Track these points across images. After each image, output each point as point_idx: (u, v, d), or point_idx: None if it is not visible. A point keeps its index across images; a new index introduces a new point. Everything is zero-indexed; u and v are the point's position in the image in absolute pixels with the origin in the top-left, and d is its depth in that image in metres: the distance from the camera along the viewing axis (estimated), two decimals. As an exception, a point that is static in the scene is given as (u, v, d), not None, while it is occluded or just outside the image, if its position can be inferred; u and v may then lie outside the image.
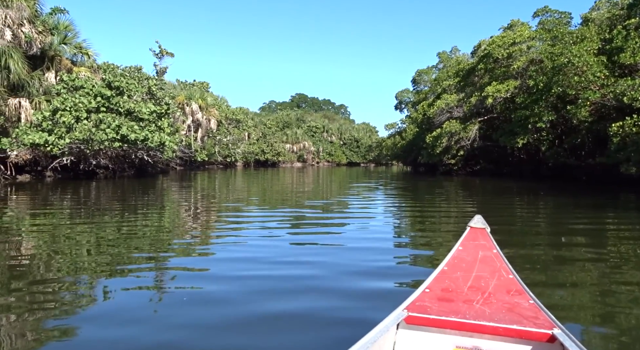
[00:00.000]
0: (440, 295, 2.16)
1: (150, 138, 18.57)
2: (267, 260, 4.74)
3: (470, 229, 3.17)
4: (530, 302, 2.09)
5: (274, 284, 3.83)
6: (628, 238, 6.31)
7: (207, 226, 7.35)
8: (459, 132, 25.86)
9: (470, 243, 2.93)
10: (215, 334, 2.75)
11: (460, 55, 39.33)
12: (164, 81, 26.46)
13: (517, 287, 2.25)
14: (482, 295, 2.16)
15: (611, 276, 4.04)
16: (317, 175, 32.20)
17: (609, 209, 10.38)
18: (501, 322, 1.86)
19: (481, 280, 2.34)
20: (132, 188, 16.26)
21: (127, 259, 4.77)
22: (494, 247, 2.83)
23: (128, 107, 18.71)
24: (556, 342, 1.76)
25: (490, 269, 2.50)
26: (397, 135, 47.35)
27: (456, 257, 2.68)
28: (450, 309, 1.98)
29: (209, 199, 12.34)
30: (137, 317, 3.03)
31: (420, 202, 12.23)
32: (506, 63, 24.79)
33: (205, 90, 40.80)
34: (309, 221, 8.04)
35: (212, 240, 6.14)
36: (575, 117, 18.94)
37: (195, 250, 5.34)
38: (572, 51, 18.78)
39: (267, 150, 62.99)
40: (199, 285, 3.78)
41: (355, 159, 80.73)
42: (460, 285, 2.28)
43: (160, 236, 6.19)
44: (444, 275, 2.41)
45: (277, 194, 14.76)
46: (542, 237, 6.37)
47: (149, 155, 20.10)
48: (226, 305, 3.28)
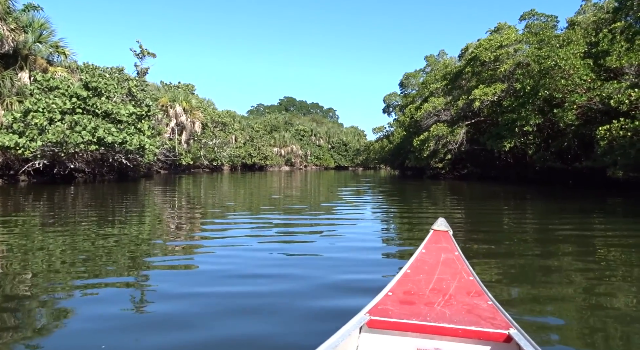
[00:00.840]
0: (402, 298, 2.17)
1: (129, 141, 17.91)
2: (236, 273, 4.32)
3: (433, 232, 3.18)
4: (488, 303, 2.12)
5: (238, 302, 3.41)
6: (616, 245, 6.03)
7: (183, 234, 6.84)
8: (447, 136, 25.64)
9: (433, 246, 2.94)
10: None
11: (447, 59, 39.24)
12: (146, 82, 25.81)
13: (476, 289, 2.29)
14: (443, 297, 2.18)
15: (597, 287, 3.89)
16: (304, 180, 31.75)
17: (596, 214, 10.12)
18: (460, 324, 1.88)
19: (443, 282, 2.36)
20: (112, 193, 15.67)
21: (96, 273, 4.30)
22: (456, 249, 2.86)
23: (106, 108, 18.04)
24: (512, 342, 1.79)
25: (452, 271, 2.53)
26: (384, 139, 47.08)
27: (419, 259, 2.69)
28: (412, 312, 2.00)
29: (189, 205, 11.82)
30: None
31: (407, 207, 11.86)
32: (493, 66, 24.65)
33: (191, 93, 40.15)
34: (291, 229, 7.58)
35: (189, 249, 5.65)
36: (562, 120, 18.77)
37: (164, 262, 4.88)
38: (559, 54, 18.64)
39: (255, 153, 62.45)
40: (157, 304, 3.35)
41: (344, 163, 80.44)
42: (422, 287, 2.30)
43: (132, 247, 5.68)
44: (406, 278, 2.42)
45: (262, 199, 14.28)
46: (528, 244, 6.06)
47: (127, 158, 19.42)
48: (184, 328, 2.86)
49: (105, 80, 19.32)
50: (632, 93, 14.64)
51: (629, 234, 6.97)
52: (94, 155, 18.53)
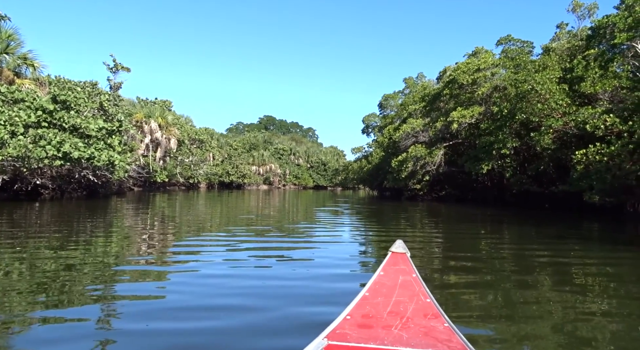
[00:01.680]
0: (360, 321, 2.16)
1: (97, 156, 17.12)
2: (194, 303, 3.95)
3: (391, 254, 3.17)
4: (445, 325, 2.13)
5: (188, 340, 3.04)
6: (594, 274, 5.81)
7: (147, 259, 6.25)
8: (425, 157, 25.58)
9: (392, 268, 2.93)
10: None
11: (426, 81, 39.70)
12: (120, 97, 25.09)
13: (433, 311, 2.29)
14: (401, 320, 2.17)
15: (574, 318, 3.77)
16: (282, 199, 31.20)
17: (573, 239, 9.93)
18: (417, 347, 1.87)
19: (400, 305, 2.36)
20: (79, 211, 14.86)
21: (55, 303, 3.84)
22: (414, 272, 2.86)
23: (73, 122, 17.28)
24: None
25: (410, 293, 2.52)
26: (363, 159, 47.05)
27: (377, 282, 2.67)
28: (370, 336, 1.99)
29: (159, 226, 11.18)
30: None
31: (384, 230, 11.46)
32: (471, 89, 24.87)
33: (168, 109, 39.43)
34: (262, 252, 7.07)
35: (151, 276, 5.14)
36: (538, 144, 18.87)
37: (125, 291, 4.42)
38: (535, 78, 18.86)
39: (232, 171, 61.63)
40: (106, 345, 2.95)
41: (322, 182, 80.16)
42: (380, 310, 2.28)
43: (94, 273, 5.14)
44: (365, 301, 2.40)
45: (237, 219, 13.71)
46: (505, 271, 5.81)
47: (95, 175, 18.57)
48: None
49: (75, 94, 18.58)
50: (607, 118, 14.77)
51: (607, 262, 6.78)
52: (59, 171, 17.65)
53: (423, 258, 6.73)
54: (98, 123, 17.98)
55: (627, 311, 3.95)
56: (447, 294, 4.39)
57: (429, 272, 5.57)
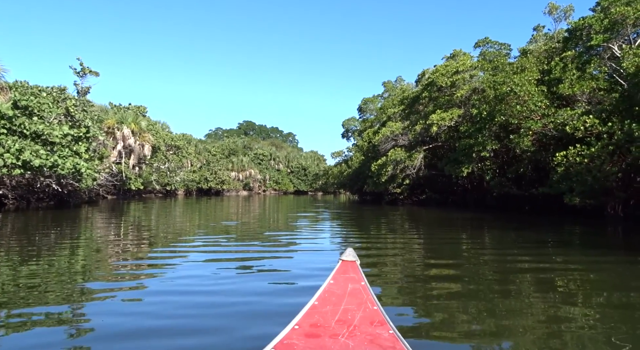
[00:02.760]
0: (308, 331, 2.16)
1: (61, 164, 16.19)
2: (147, 325, 3.60)
3: (341, 262, 3.16)
4: (390, 332, 2.15)
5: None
6: (576, 279, 5.63)
7: (105, 274, 5.59)
8: (405, 160, 25.27)
9: (341, 276, 2.93)
10: None
11: (405, 84, 39.60)
12: (90, 103, 24.09)
13: (379, 318, 2.31)
14: (348, 328, 2.19)
15: (553, 325, 3.70)
16: (262, 205, 30.50)
17: (554, 243, 9.62)
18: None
19: (348, 313, 2.37)
20: (44, 222, 13.98)
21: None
22: (362, 279, 2.87)
23: (35, 129, 16.34)
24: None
25: (358, 301, 2.54)
26: (343, 164, 46.67)
27: (327, 291, 2.67)
28: (317, 345, 2.00)
29: (127, 236, 10.43)
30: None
31: (365, 237, 10.96)
32: (450, 92, 24.70)
33: (142, 115, 38.33)
34: (232, 264, 6.46)
35: (106, 292, 4.65)
36: (518, 146, 18.70)
37: (77, 310, 4.06)
38: (514, 80, 18.70)
39: (211, 178, 60.57)
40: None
41: (303, 187, 79.51)
42: (328, 319, 2.30)
43: (49, 289, 4.62)
44: (314, 311, 2.41)
45: (212, 228, 13.01)
46: (486, 277, 5.55)
47: (60, 184, 17.60)
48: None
49: (39, 99, 17.63)
50: (587, 119, 14.62)
51: (589, 267, 6.52)
52: (20, 181, 16.66)
53: (403, 265, 6.46)
54: (63, 129, 17.03)
55: (607, 319, 3.84)
56: (428, 303, 4.27)
57: (409, 279, 5.41)
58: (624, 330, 3.56)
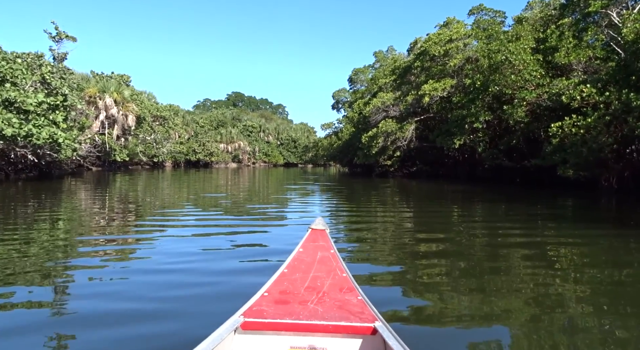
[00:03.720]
0: (277, 298, 2.16)
1: (36, 134, 15.41)
2: (120, 307, 3.27)
3: (311, 231, 3.19)
4: (358, 298, 2.17)
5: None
6: (567, 254, 5.46)
7: (78, 252, 5.15)
8: (396, 132, 24.75)
9: (311, 244, 2.96)
10: None
11: (396, 54, 38.65)
12: (69, 70, 22.97)
13: (348, 285, 2.32)
14: (317, 295, 2.19)
15: (546, 297, 3.65)
16: (251, 177, 29.99)
17: (546, 216, 9.36)
18: (331, 320, 1.92)
19: (317, 280, 2.37)
20: (24, 194, 13.39)
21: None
22: (332, 248, 2.89)
23: (7, 96, 15.45)
24: (377, 334, 1.85)
25: (327, 268, 2.55)
26: (333, 135, 46.02)
27: (296, 258, 2.69)
28: (286, 311, 2.01)
29: (106, 209, 9.92)
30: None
31: (355, 211, 10.57)
32: (442, 61, 24.01)
33: (126, 84, 37.06)
34: (212, 240, 6.06)
35: (75, 269, 4.33)
36: (511, 117, 18.25)
37: (46, 287, 3.81)
38: (509, 49, 18.09)
39: (199, 150, 59.67)
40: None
41: (293, 160, 78.91)
42: (297, 286, 2.30)
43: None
44: (283, 278, 2.41)
45: (197, 200, 12.52)
46: (475, 250, 5.45)
47: (36, 154, 16.84)
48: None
49: (11, 65, 16.66)
50: (583, 89, 14.14)
51: (581, 242, 6.29)
52: (-9, 151, 15.89)
53: (392, 240, 6.23)
54: (37, 97, 16.15)
55: (599, 296, 3.71)
56: (417, 280, 4.15)
57: (398, 255, 5.22)
58: (615, 307, 3.43)
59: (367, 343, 1.92)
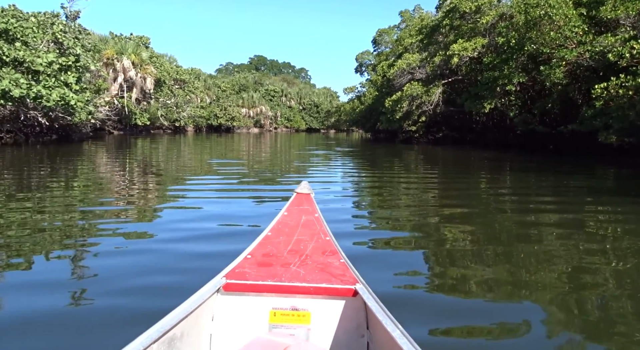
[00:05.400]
0: (260, 260, 2.19)
1: (46, 95, 14.89)
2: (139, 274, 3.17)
3: (296, 195, 3.20)
4: (340, 261, 2.19)
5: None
6: (605, 229, 4.84)
7: (93, 224, 4.68)
8: (421, 96, 23.47)
9: (295, 208, 2.98)
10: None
11: (423, 13, 36.56)
12: (85, 30, 22.25)
13: (331, 248, 2.35)
14: (300, 257, 2.22)
15: (580, 273, 3.35)
16: (273, 143, 29.36)
17: (584, 189, 8.37)
18: (313, 282, 1.95)
19: (301, 243, 2.41)
20: (38, 157, 13.07)
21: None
22: (316, 211, 2.91)
23: (15, 55, 14.89)
24: (358, 296, 1.88)
25: (311, 232, 2.58)
26: (356, 100, 44.63)
27: (281, 222, 2.71)
28: (268, 273, 2.02)
29: (122, 173, 9.45)
30: None
31: (378, 176, 9.80)
32: (473, 19, 22.33)
33: (145, 46, 36.29)
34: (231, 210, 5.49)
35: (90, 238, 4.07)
36: (548, 79, 16.82)
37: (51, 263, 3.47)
38: (549, 2, 16.45)
39: (221, 114, 59.14)
40: None
41: (315, 125, 77.79)
42: (281, 249, 2.32)
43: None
44: (267, 241, 2.44)
45: (215, 169, 11.96)
46: (506, 227, 4.84)
47: (48, 117, 16.40)
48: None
49: (21, 23, 16.03)
50: (634, 45, 12.70)
51: (624, 217, 5.52)
52: (1, 112, 15.47)
53: (414, 211, 5.75)
54: (47, 57, 15.54)
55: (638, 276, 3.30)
56: (440, 250, 3.91)
57: (420, 228, 4.80)
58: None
59: (348, 304, 1.94)
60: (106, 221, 4.75)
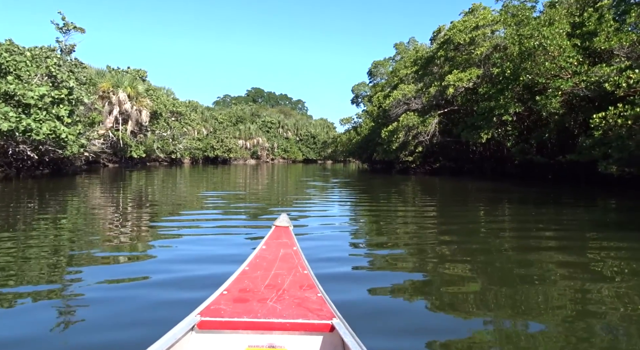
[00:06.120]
0: (237, 296, 2.14)
1: (36, 129, 14.65)
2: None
3: (275, 228, 3.15)
4: (318, 295, 2.16)
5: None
6: (609, 264, 4.56)
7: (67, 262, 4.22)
8: (417, 126, 23.39)
9: (274, 242, 2.93)
10: None
11: (418, 45, 37.08)
12: (82, 64, 22.30)
13: (309, 282, 2.31)
14: (277, 292, 2.18)
15: (584, 295, 3.41)
16: (270, 174, 29.05)
17: (587, 222, 7.98)
18: (290, 317, 1.93)
19: (278, 277, 2.37)
20: (31, 192, 12.63)
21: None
22: (295, 245, 2.87)
23: (7, 89, 14.72)
24: (335, 331, 1.84)
25: (289, 266, 2.53)
26: (352, 131, 44.70)
27: (258, 256, 2.67)
28: (244, 310, 1.99)
29: (106, 209, 9.04)
30: None
31: (375, 207, 9.43)
32: (468, 50, 22.51)
33: (141, 79, 36.50)
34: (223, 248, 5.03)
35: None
36: (544, 109, 16.73)
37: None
38: (544, 33, 16.54)
39: (217, 146, 59.11)
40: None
41: (312, 156, 77.81)
42: (258, 284, 2.29)
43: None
44: (244, 276, 2.39)
45: (204, 202, 11.58)
46: (505, 268, 4.36)
47: (38, 151, 16.09)
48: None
49: (14, 57, 15.97)
50: (631, 75, 12.62)
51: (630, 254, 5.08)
52: (-10, 147, 15.20)
53: (412, 244, 5.58)
54: (39, 90, 15.40)
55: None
56: (441, 289, 3.73)
57: (420, 263, 4.67)
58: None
59: (326, 340, 1.90)
60: (84, 260, 4.47)
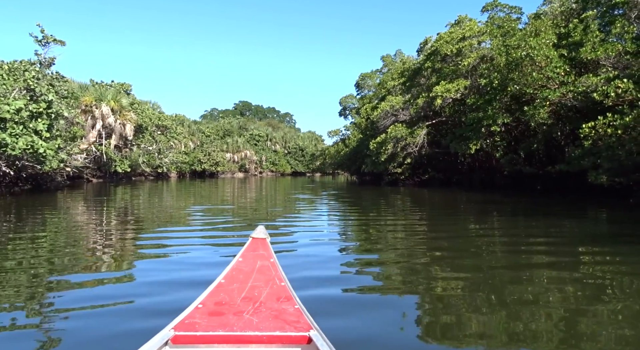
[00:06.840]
0: (212, 309, 2.11)
1: (11, 143, 14.11)
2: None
3: (251, 240, 3.13)
4: (295, 307, 2.15)
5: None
6: (605, 280, 4.30)
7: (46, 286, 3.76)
8: (406, 137, 23.21)
9: (250, 254, 2.90)
10: None
11: (405, 57, 37.19)
12: (64, 78, 21.75)
13: (286, 294, 2.29)
14: (254, 305, 2.15)
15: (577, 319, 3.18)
16: (258, 187, 28.57)
17: (578, 234, 7.71)
18: (266, 330, 1.90)
19: (255, 290, 2.34)
20: (8, 209, 12.04)
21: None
22: (272, 256, 2.83)
23: (-19, 103, 14.21)
24: (312, 343, 1.82)
25: (266, 278, 2.51)
26: (340, 143, 44.53)
27: (235, 268, 2.64)
28: (220, 323, 1.96)
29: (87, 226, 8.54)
30: None
31: (364, 219, 9.08)
32: (455, 61, 22.50)
33: (126, 92, 35.99)
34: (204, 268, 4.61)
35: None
36: (532, 119, 16.64)
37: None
38: (530, 44, 16.53)
39: (204, 159, 58.49)
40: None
41: (300, 169, 77.48)
42: (234, 297, 2.26)
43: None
44: (219, 289, 2.36)
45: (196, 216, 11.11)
46: (498, 277, 4.28)
47: (14, 166, 15.51)
48: None
49: (-9, 71, 15.49)
50: (619, 84, 12.54)
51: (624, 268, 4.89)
52: (-38, 163, 14.59)
53: (405, 264, 5.23)
54: (16, 104, 14.88)
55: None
56: (431, 304, 3.61)
57: (409, 282, 4.40)
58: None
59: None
60: (61, 284, 4.14)
